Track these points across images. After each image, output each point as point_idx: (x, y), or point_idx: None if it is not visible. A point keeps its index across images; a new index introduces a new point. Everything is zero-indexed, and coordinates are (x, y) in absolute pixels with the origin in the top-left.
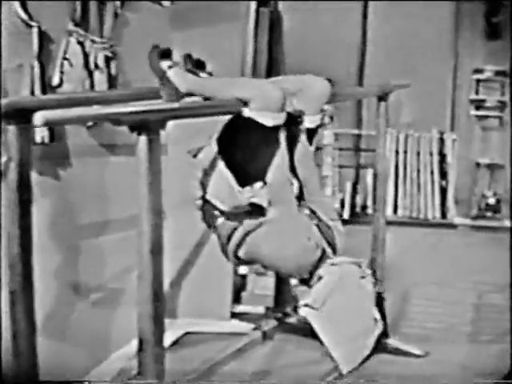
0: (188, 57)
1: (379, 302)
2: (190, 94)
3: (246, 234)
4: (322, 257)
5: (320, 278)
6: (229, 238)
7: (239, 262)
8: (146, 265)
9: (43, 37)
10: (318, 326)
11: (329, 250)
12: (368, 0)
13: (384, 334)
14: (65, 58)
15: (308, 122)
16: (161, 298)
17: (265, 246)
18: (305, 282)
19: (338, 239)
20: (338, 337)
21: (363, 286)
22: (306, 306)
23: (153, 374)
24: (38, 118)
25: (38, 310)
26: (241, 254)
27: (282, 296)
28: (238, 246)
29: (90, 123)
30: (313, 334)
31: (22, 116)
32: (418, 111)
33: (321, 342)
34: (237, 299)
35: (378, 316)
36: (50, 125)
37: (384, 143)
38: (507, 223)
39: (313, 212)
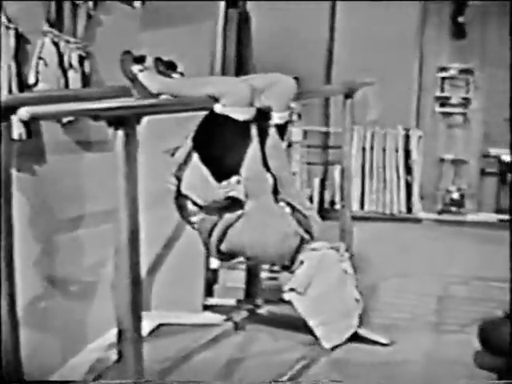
0: (159, 60)
1: None
2: (161, 95)
3: (227, 228)
4: (302, 243)
5: (302, 262)
6: (210, 233)
7: (222, 256)
8: (124, 255)
9: (19, 38)
10: (301, 309)
11: (307, 237)
12: (335, 0)
13: (352, 336)
14: (40, 58)
15: (276, 118)
16: (138, 286)
17: (246, 237)
18: (287, 268)
19: (315, 227)
20: (322, 317)
21: (343, 269)
22: (292, 290)
23: (132, 362)
24: (22, 113)
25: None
26: (223, 247)
27: (253, 288)
28: (220, 240)
29: (64, 121)
30: (282, 324)
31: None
32: (384, 109)
33: (294, 328)
34: (209, 292)
35: (358, 296)
36: (34, 120)
37: (350, 140)
38: (471, 217)
39: (288, 203)
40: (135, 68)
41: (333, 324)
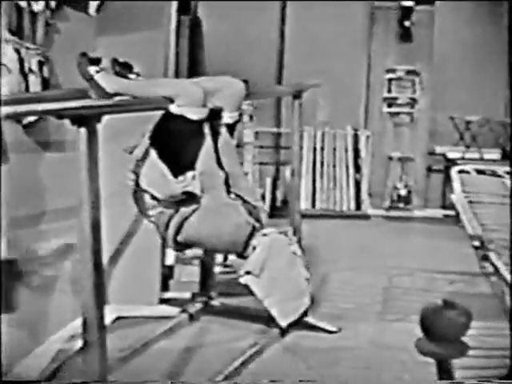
0: (115, 61)
1: None
2: (118, 95)
3: (183, 220)
4: (253, 231)
5: (254, 248)
6: (167, 226)
7: (179, 246)
8: (87, 249)
9: None
10: (257, 290)
11: (257, 225)
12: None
13: (305, 313)
14: (2, 64)
15: (227, 118)
16: (102, 277)
17: (202, 229)
18: (241, 255)
19: (263, 216)
20: (276, 296)
21: (292, 251)
22: (248, 273)
23: (97, 350)
24: None
25: None
26: (180, 238)
27: (207, 282)
28: (177, 232)
29: (25, 122)
30: (234, 315)
31: None
32: (333, 109)
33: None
34: (165, 287)
35: (308, 275)
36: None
37: (299, 140)
38: (417, 213)
39: (238, 195)
40: (92, 69)
41: (287, 302)
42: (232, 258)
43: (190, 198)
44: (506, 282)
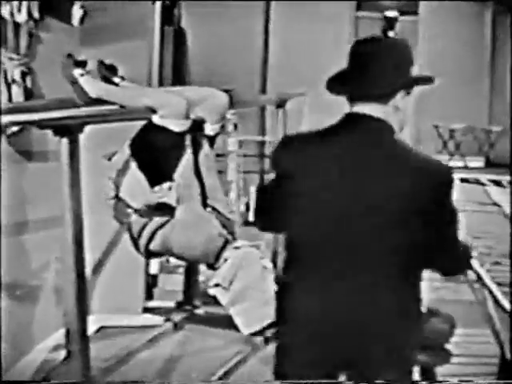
0: (101, 63)
1: None
2: (100, 100)
3: (156, 230)
4: (225, 244)
5: (225, 260)
6: (139, 234)
7: (150, 254)
8: (69, 258)
9: None
10: (225, 301)
11: (230, 238)
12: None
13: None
14: None
15: (208, 130)
16: (84, 287)
17: (174, 239)
18: (212, 267)
19: (236, 229)
20: (242, 305)
21: (263, 265)
22: (217, 285)
23: (79, 360)
24: None
25: None
26: (152, 247)
27: (191, 291)
28: (149, 240)
29: (9, 132)
30: (218, 324)
31: None
32: (318, 118)
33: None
34: (149, 296)
35: (276, 289)
36: None
37: None
38: None
39: (213, 208)
40: (76, 72)
41: (252, 312)
42: (204, 268)
43: (165, 208)
44: (488, 288)
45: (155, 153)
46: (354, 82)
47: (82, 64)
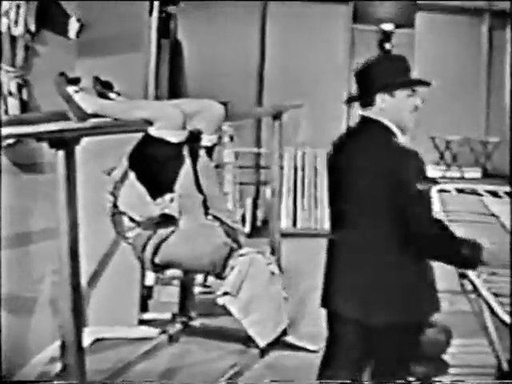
0: (97, 79)
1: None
2: (97, 115)
3: (161, 242)
4: (231, 252)
5: (232, 268)
6: (144, 248)
7: (156, 267)
8: (65, 270)
9: None
10: (235, 311)
11: (235, 246)
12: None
13: (283, 333)
14: None
15: (206, 141)
16: (80, 299)
17: (179, 250)
18: (219, 275)
19: (241, 237)
20: (254, 317)
21: (270, 270)
22: (225, 294)
23: (75, 372)
24: None
25: None
26: (157, 260)
27: (187, 303)
28: (154, 253)
29: (5, 144)
30: (214, 336)
31: None
32: (314, 130)
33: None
34: (144, 308)
35: (285, 294)
36: None
37: (279, 160)
38: None
39: (216, 217)
40: (70, 89)
41: (265, 322)
42: (211, 278)
43: (167, 219)
44: (485, 299)
45: (154, 164)
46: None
47: (75, 81)
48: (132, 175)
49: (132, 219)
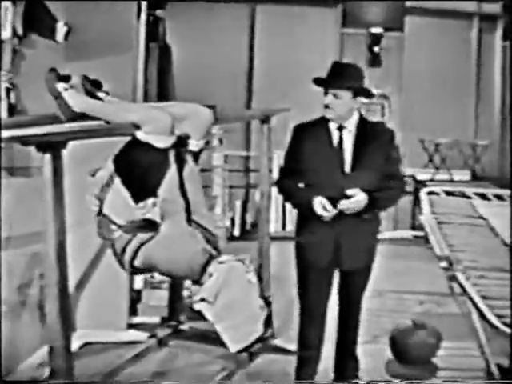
0: (85, 78)
1: (266, 304)
2: (85, 114)
3: (140, 245)
4: (210, 259)
5: (210, 275)
6: (123, 250)
7: (135, 270)
8: (53, 274)
9: None
10: (210, 316)
11: (215, 253)
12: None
13: (271, 336)
14: None
15: (192, 146)
16: (68, 303)
17: (159, 254)
18: (197, 282)
19: (221, 244)
20: (229, 323)
21: (248, 279)
22: (202, 300)
23: (63, 377)
24: None
25: None
26: (136, 263)
27: (176, 306)
28: (134, 256)
29: None
30: (203, 340)
31: None
32: None
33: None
34: (133, 311)
35: (262, 303)
36: None
37: (267, 163)
38: (388, 234)
39: (198, 224)
40: (60, 86)
41: (238, 328)
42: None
43: (149, 224)
44: (473, 302)
45: (139, 169)
46: None
47: (65, 78)
48: (117, 179)
49: (113, 222)
